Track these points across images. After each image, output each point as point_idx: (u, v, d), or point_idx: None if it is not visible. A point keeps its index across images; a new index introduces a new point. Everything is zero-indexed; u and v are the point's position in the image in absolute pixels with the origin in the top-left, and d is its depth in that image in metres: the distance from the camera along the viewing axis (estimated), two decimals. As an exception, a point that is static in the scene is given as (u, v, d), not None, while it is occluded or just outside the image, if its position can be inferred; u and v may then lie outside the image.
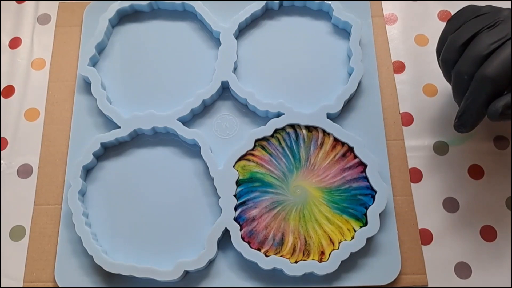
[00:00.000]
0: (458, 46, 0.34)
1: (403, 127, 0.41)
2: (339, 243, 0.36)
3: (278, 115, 0.40)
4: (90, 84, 0.41)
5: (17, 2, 0.47)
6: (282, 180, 0.38)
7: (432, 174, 0.40)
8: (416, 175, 0.40)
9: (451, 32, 0.35)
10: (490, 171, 0.40)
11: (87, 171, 0.39)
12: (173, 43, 0.43)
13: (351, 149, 0.39)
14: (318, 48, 0.43)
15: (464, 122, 0.34)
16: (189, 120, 0.41)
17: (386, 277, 0.36)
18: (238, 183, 0.38)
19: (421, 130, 0.41)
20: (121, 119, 0.40)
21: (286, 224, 0.36)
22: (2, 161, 0.41)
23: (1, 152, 0.41)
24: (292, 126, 0.39)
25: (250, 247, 0.35)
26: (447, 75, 0.36)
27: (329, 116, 0.39)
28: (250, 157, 0.38)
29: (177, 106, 0.40)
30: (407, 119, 0.41)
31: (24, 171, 0.40)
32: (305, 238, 0.36)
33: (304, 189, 0.37)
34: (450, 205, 0.39)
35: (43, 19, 0.46)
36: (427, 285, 0.36)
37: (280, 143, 0.39)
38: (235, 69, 0.42)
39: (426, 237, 0.38)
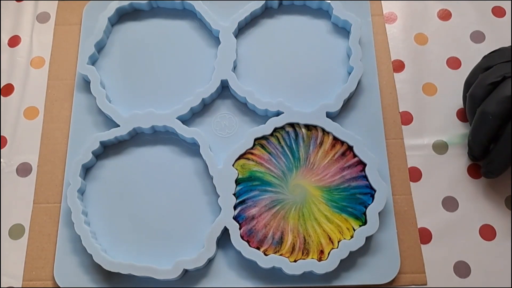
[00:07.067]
0: (487, 85, 0.36)
1: (403, 126, 0.41)
2: (338, 242, 0.36)
3: (278, 114, 0.40)
4: (90, 82, 0.41)
5: (16, 1, 0.47)
6: (282, 179, 0.38)
7: (432, 173, 0.40)
8: (415, 174, 0.40)
9: (483, 68, 0.37)
10: (489, 170, 0.40)
11: (87, 169, 0.39)
12: (172, 42, 0.43)
13: (350, 148, 0.39)
14: (317, 47, 0.43)
15: (492, 169, 0.37)
16: (189, 118, 0.41)
17: (385, 276, 0.36)
18: (238, 182, 0.38)
19: (420, 129, 0.41)
20: (121, 117, 0.40)
21: (285, 223, 0.36)
22: (1, 160, 0.41)
23: (1, 150, 0.41)
24: (292, 125, 0.39)
25: (249, 246, 0.35)
26: (471, 111, 0.37)
27: (328, 115, 0.39)
28: (249, 156, 0.38)
29: (176, 104, 0.40)
30: (407, 118, 0.41)
31: (24, 170, 0.40)
32: (304, 237, 0.36)
33: (303, 188, 0.37)
34: (450, 204, 0.39)
35: (43, 18, 0.46)
36: (426, 284, 0.36)
37: (279, 142, 0.39)
38: (234, 67, 0.42)
39: (425, 236, 0.38)
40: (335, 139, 0.39)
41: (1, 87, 0.43)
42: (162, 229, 0.38)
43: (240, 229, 0.36)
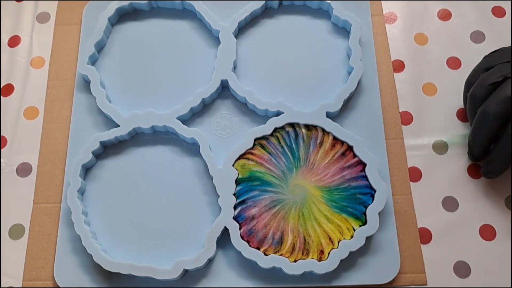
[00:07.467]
0: (488, 85, 0.36)
1: (403, 126, 0.41)
2: (338, 242, 0.36)
3: (278, 114, 0.40)
4: (90, 82, 0.41)
5: (16, 1, 0.47)
6: (282, 179, 0.38)
7: (432, 173, 0.40)
8: (415, 174, 0.40)
9: (483, 68, 0.37)
10: (489, 170, 0.40)
11: (87, 169, 0.39)
12: (172, 42, 0.43)
13: (350, 148, 0.39)
14: (317, 47, 0.43)
15: (492, 169, 0.37)
16: (189, 118, 0.41)
17: (385, 276, 0.36)
18: (238, 182, 0.38)
19: (420, 129, 0.41)
20: (121, 117, 0.40)
21: (286, 223, 0.36)
22: (1, 160, 0.41)
23: (1, 150, 0.41)
24: (292, 125, 0.39)
25: (250, 246, 0.35)
26: (472, 111, 0.37)
27: (328, 115, 0.39)
28: (249, 156, 0.38)
29: (176, 104, 0.40)
30: (407, 118, 0.41)
31: (24, 170, 0.40)
32: (304, 237, 0.36)
33: (303, 188, 0.37)
34: (450, 204, 0.39)
35: (43, 18, 0.46)
36: (426, 284, 0.36)
37: (279, 142, 0.39)
38: (234, 67, 0.42)
39: (425, 236, 0.38)
40: (335, 139, 0.39)
41: (1, 87, 0.43)
42: (162, 229, 0.38)
43: (240, 229, 0.36)
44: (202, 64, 0.42)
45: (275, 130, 0.39)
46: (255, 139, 0.39)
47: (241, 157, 0.38)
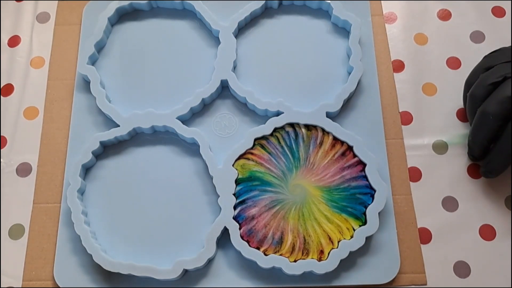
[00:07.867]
0: (488, 85, 0.36)
1: (403, 126, 0.41)
2: (338, 242, 0.36)
3: (278, 114, 0.40)
4: (89, 82, 0.41)
5: (16, 1, 0.47)
6: (282, 179, 0.38)
7: (432, 173, 0.40)
8: (415, 174, 0.40)
9: (483, 68, 0.37)
10: (489, 170, 0.40)
11: (86, 169, 0.39)
12: (172, 42, 0.43)
13: (350, 148, 0.39)
14: (317, 47, 0.43)
15: (492, 169, 0.37)
16: (189, 118, 0.41)
17: (385, 276, 0.36)
18: (238, 182, 0.38)
19: (420, 129, 0.41)
20: (120, 117, 0.40)
21: (285, 223, 0.36)
22: (1, 160, 0.41)
23: (0, 150, 0.41)
24: (292, 125, 0.39)
25: (249, 246, 0.35)
26: (471, 111, 0.37)
27: (328, 115, 0.39)
28: (249, 156, 0.38)
29: (176, 104, 0.40)
30: (407, 118, 0.41)
31: (23, 170, 0.40)
32: (304, 237, 0.36)
33: (303, 188, 0.37)
34: (449, 204, 0.39)
35: (42, 18, 0.46)
36: (426, 284, 0.36)
37: (279, 142, 0.39)
38: (234, 67, 0.42)
39: (425, 236, 0.38)
40: (335, 139, 0.39)
41: (1, 87, 0.43)
42: (162, 229, 0.38)
43: (240, 229, 0.36)
44: (202, 64, 0.42)
45: (275, 130, 0.39)
46: (255, 139, 0.39)
47: (241, 157, 0.38)
